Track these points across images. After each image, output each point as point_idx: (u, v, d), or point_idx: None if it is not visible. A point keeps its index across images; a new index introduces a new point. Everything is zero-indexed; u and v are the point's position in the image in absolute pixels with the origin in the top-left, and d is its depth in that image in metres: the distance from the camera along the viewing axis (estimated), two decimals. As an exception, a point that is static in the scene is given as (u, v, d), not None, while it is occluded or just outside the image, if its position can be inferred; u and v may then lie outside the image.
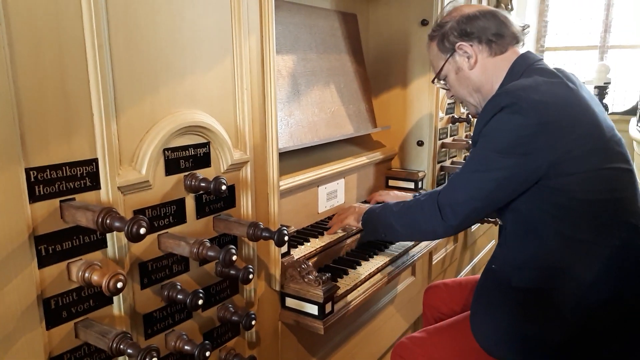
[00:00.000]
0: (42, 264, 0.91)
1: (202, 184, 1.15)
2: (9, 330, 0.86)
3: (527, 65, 1.50)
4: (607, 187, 1.36)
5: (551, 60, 7.13)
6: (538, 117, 1.32)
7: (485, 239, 3.34)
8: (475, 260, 3.22)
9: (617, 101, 6.62)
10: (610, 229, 1.38)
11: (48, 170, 0.90)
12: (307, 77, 1.94)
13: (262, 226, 1.21)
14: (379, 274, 1.76)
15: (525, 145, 1.33)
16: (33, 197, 0.88)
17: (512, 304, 1.47)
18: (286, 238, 1.20)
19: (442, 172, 2.59)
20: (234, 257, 1.05)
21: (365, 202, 2.27)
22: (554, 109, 1.34)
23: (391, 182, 2.44)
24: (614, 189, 1.37)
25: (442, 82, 1.70)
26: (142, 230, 0.86)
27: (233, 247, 1.06)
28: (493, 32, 1.53)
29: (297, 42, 1.93)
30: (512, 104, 1.34)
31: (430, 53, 1.71)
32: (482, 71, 1.56)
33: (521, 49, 1.58)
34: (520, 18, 6.45)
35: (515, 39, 1.56)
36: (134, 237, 0.85)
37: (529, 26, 1.64)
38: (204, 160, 1.21)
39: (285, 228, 1.20)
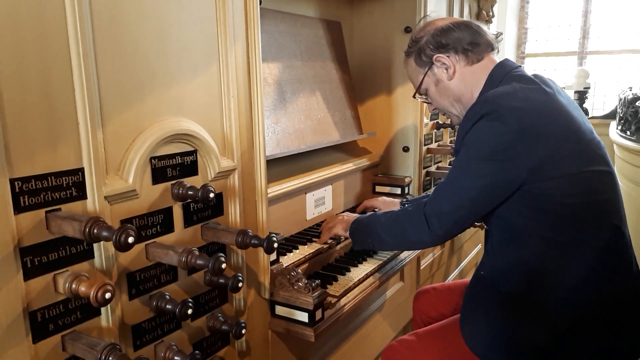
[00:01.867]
0: (27, 276, 0.89)
1: (190, 192, 1.14)
2: (-6, 345, 0.85)
3: (505, 73, 1.53)
4: (588, 190, 1.38)
5: (532, 66, 7.25)
6: (517, 123, 1.34)
7: (472, 244, 3.37)
8: (463, 264, 3.24)
9: (596, 105, 6.74)
10: (593, 231, 1.40)
11: (33, 181, 0.88)
12: (292, 85, 1.95)
13: (251, 234, 1.20)
14: (368, 279, 1.76)
15: (505, 151, 1.35)
16: (18, 208, 0.87)
17: (500, 308, 1.48)
18: (275, 245, 1.20)
19: (428, 178, 2.61)
20: (224, 265, 1.04)
21: (354, 208, 2.27)
22: (532, 115, 1.36)
23: (378, 188, 2.45)
24: (595, 191, 1.39)
25: (423, 96, 1.72)
26: (131, 239, 0.85)
27: (222, 255, 1.05)
28: (468, 41, 1.56)
29: (282, 50, 1.93)
30: (492, 111, 1.36)
31: (408, 69, 1.74)
32: (461, 80, 1.59)
33: (497, 57, 1.62)
34: (501, 26, 6.56)
35: (490, 47, 1.59)
36: (122, 247, 0.84)
37: (502, 34, 1.68)
38: (191, 169, 1.20)
39: (274, 235, 1.20)
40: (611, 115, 5.96)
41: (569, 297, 1.40)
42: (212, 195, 1.12)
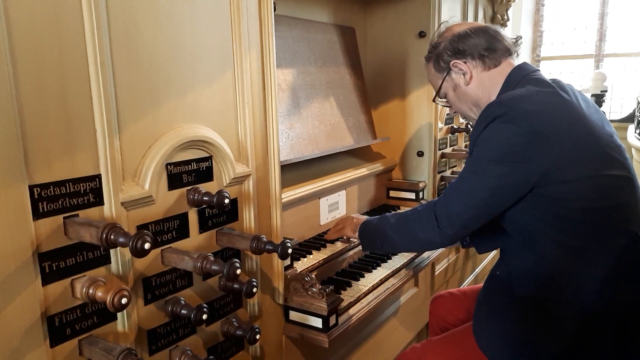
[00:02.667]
0: (46, 281, 0.91)
1: (205, 198, 1.15)
2: (12, 349, 0.86)
3: (522, 76, 1.52)
4: (603, 194, 1.36)
5: (547, 70, 7.18)
6: (530, 125, 1.33)
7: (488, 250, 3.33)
8: (478, 269, 3.21)
9: (614, 109, 6.66)
10: (609, 236, 1.38)
11: (51, 187, 0.90)
12: (306, 90, 1.95)
13: (265, 239, 1.20)
14: (382, 285, 1.75)
15: (517, 153, 1.34)
16: (37, 214, 0.88)
17: (514, 312, 1.47)
18: (290, 251, 1.20)
19: (443, 182, 2.59)
20: (239, 271, 1.04)
21: (368, 213, 2.27)
22: (546, 118, 1.35)
23: (392, 193, 2.45)
24: (611, 196, 1.37)
25: (443, 100, 1.74)
26: (147, 245, 0.85)
27: (237, 260, 1.05)
28: (485, 47, 1.57)
29: (296, 55, 1.94)
30: (505, 113, 1.35)
31: (428, 74, 1.77)
32: (479, 85, 1.60)
33: (516, 61, 1.60)
34: (516, 29, 6.51)
35: (508, 52, 1.59)
36: (139, 252, 0.85)
37: (521, 37, 1.67)
38: (207, 174, 1.21)
39: (288, 241, 1.20)
40: (629, 119, 5.89)
41: (582, 303, 1.38)
42: (227, 201, 1.13)
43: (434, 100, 1.77)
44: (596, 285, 1.38)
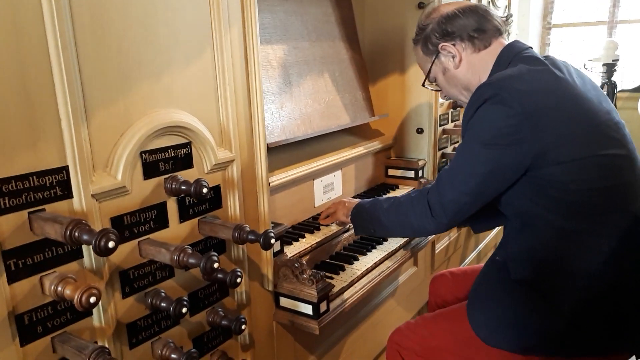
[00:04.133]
0: (12, 279, 0.87)
1: (183, 187, 1.10)
2: (-22, 350, 0.83)
3: (513, 55, 1.45)
4: (600, 175, 1.30)
5: (559, 37, 6.96)
6: (521, 106, 1.27)
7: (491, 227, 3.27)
8: (481, 246, 3.16)
9: (626, 77, 6.46)
10: (607, 218, 1.32)
11: (13, 182, 0.85)
12: (299, 67, 1.87)
13: (248, 229, 1.16)
14: (376, 268, 1.72)
15: (509, 135, 1.29)
16: (-2, 210, 0.84)
17: (509, 294, 1.43)
18: (273, 241, 1.15)
19: (444, 160, 2.52)
20: (216, 265, 1.00)
21: (366, 192, 2.22)
22: (538, 98, 1.29)
23: (391, 172, 2.38)
24: (609, 176, 1.31)
25: (433, 84, 1.68)
26: (111, 244, 0.81)
27: (214, 254, 1.01)
28: (474, 27, 1.50)
29: (288, 30, 1.86)
30: (495, 95, 1.30)
31: (417, 57, 1.70)
32: (468, 68, 1.53)
33: (507, 39, 1.53)
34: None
35: (498, 31, 1.52)
36: (103, 252, 0.81)
37: (511, 15, 1.59)
38: (186, 162, 1.16)
39: (271, 231, 1.15)
40: (641, 89, 5.71)
41: (580, 286, 1.34)
42: (205, 190, 1.08)
43: (423, 85, 1.71)
44: (595, 268, 1.33)
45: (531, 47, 1.50)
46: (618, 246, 1.32)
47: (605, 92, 5.03)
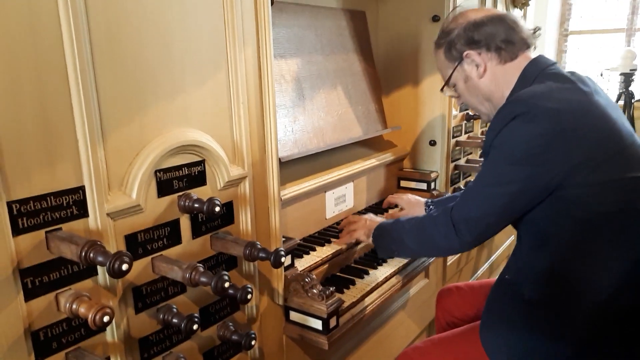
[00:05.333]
0: (28, 296, 0.89)
1: (196, 205, 1.12)
2: (-5, 366, 0.85)
3: (539, 71, 1.42)
4: (625, 198, 1.29)
5: (575, 45, 6.89)
6: (552, 125, 1.25)
7: (504, 235, 3.26)
8: (493, 257, 3.14)
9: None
10: (628, 242, 1.31)
11: (31, 202, 0.87)
12: (312, 81, 1.89)
13: (259, 246, 1.17)
14: (387, 283, 1.72)
15: (539, 155, 1.26)
16: (16, 230, 0.86)
17: (524, 317, 1.41)
18: (283, 260, 1.17)
19: (457, 172, 2.52)
20: (227, 284, 1.02)
21: (378, 204, 2.22)
22: (569, 117, 1.26)
23: (403, 183, 2.38)
24: (633, 200, 1.29)
25: (452, 89, 1.63)
26: (125, 267, 0.83)
27: (226, 273, 1.02)
28: (502, 38, 1.45)
29: (302, 44, 1.87)
30: (525, 112, 1.27)
31: (437, 60, 1.64)
32: (492, 79, 1.50)
33: (532, 54, 1.50)
34: (544, 1, 6.23)
35: (526, 44, 1.48)
36: (116, 274, 0.83)
37: (540, 28, 1.56)
38: (199, 179, 1.18)
39: (282, 250, 1.16)
40: (660, 98, 5.62)
41: (597, 308, 1.32)
42: (217, 209, 1.09)
43: (441, 90, 1.68)
44: (611, 291, 1.32)
45: (556, 63, 1.47)
46: (636, 270, 1.31)
47: (622, 102, 4.97)
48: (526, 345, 1.40)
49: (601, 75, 5.23)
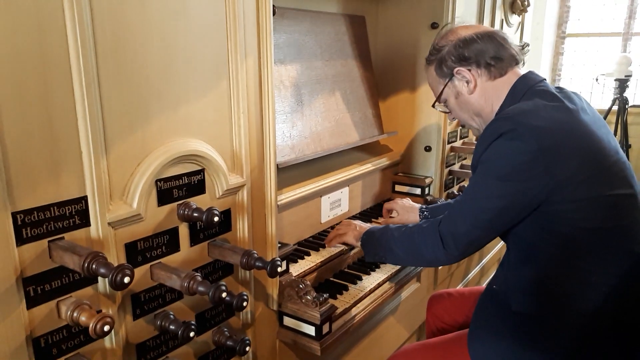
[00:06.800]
0: (30, 304, 0.91)
1: (195, 214, 1.14)
2: (-3, 372, 0.87)
3: (528, 87, 1.45)
4: (609, 214, 1.32)
5: (572, 47, 6.93)
6: (537, 143, 1.28)
7: (494, 240, 3.29)
8: (484, 261, 3.19)
9: (639, 92, 6.42)
10: (612, 257, 1.34)
11: (35, 212, 0.89)
12: (311, 86, 1.91)
13: (255, 255, 1.20)
14: (380, 288, 1.75)
15: (524, 171, 1.30)
16: (20, 240, 0.88)
17: (511, 328, 1.45)
18: (279, 269, 1.19)
19: (451, 177, 2.55)
20: (224, 295, 1.04)
21: (372, 208, 2.25)
22: (554, 135, 1.30)
23: (397, 188, 2.41)
24: (617, 216, 1.33)
25: (442, 105, 1.66)
26: (127, 280, 0.85)
27: (224, 284, 1.05)
28: (491, 55, 1.49)
29: (302, 50, 1.89)
30: (511, 130, 1.30)
31: (428, 77, 1.68)
32: (482, 95, 1.53)
33: (522, 70, 1.53)
34: (541, 2, 6.25)
35: (515, 60, 1.51)
36: (118, 286, 0.85)
37: (528, 45, 1.58)
38: (199, 188, 1.20)
39: (278, 260, 1.19)
40: (654, 104, 5.68)
41: (583, 323, 1.36)
42: (216, 219, 1.12)
43: (433, 106, 1.71)
44: (595, 306, 1.35)
45: (545, 79, 1.50)
46: (620, 285, 1.34)
47: (617, 107, 5.01)
48: (512, 355, 1.43)
49: (596, 80, 5.28)
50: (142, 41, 1.02)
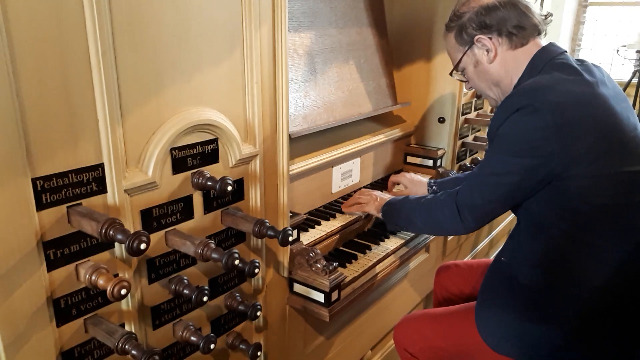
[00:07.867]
0: (50, 267, 0.94)
1: (209, 183, 1.15)
2: (20, 330, 0.91)
3: (547, 60, 1.43)
4: (623, 191, 1.32)
5: (594, 17, 6.74)
6: (553, 118, 1.27)
7: (505, 213, 3.29)
8: (494, 233, 3.20)
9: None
10: (621, 234, 1.35)
11: (54, 179, 0.92)
12: (325, 55, 1.89)
13: (267, 224, 1.22)
14: (389, 258, 1.78)
15: (539, 148, 1.30)
16: (40, 205, 0.90)
17: (518, 300, 1.47)
18: (290, 239, 1.21)
19: (464, 149, 2.54)
20: (236, 262, 1.07)
21: (383, 179, 2.25)
22: (570, 110, 1.29)
23: (409, 159, 2.41)
24: (629, 193, 1.33)
25: (460, 73, 1.64)
26: (143, 246, 0.88)
27: (236, 251, 1.07)
28: (514, 24, 1.45)
29: (317, 17, 1.86)
30: (527, 105, 1.29)
31: (447, 44, 1.64)
32: (502, 65, 1.50)
33: (543, 40, 1.50)
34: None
35: (537, 30, 1.48)
36: (135, 252, 0.88)
37: (551, 14, 1.55)
38: (212, 157, 1.21)
39: (289, 229, 1.21)
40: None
41: (589, 297, 1.38)
42: (229, 188, 1.13)
43: (450, 74, 1.68)
44: (603, 281, 1.37)
45: (565, 52, 1.48)
46: (628, 262, 1.35)
47: (637, 79, 4.91)
48: (519, 327, 1.46)
49: (617, 51, 5.15)
50: (157, 9, 1.02)
